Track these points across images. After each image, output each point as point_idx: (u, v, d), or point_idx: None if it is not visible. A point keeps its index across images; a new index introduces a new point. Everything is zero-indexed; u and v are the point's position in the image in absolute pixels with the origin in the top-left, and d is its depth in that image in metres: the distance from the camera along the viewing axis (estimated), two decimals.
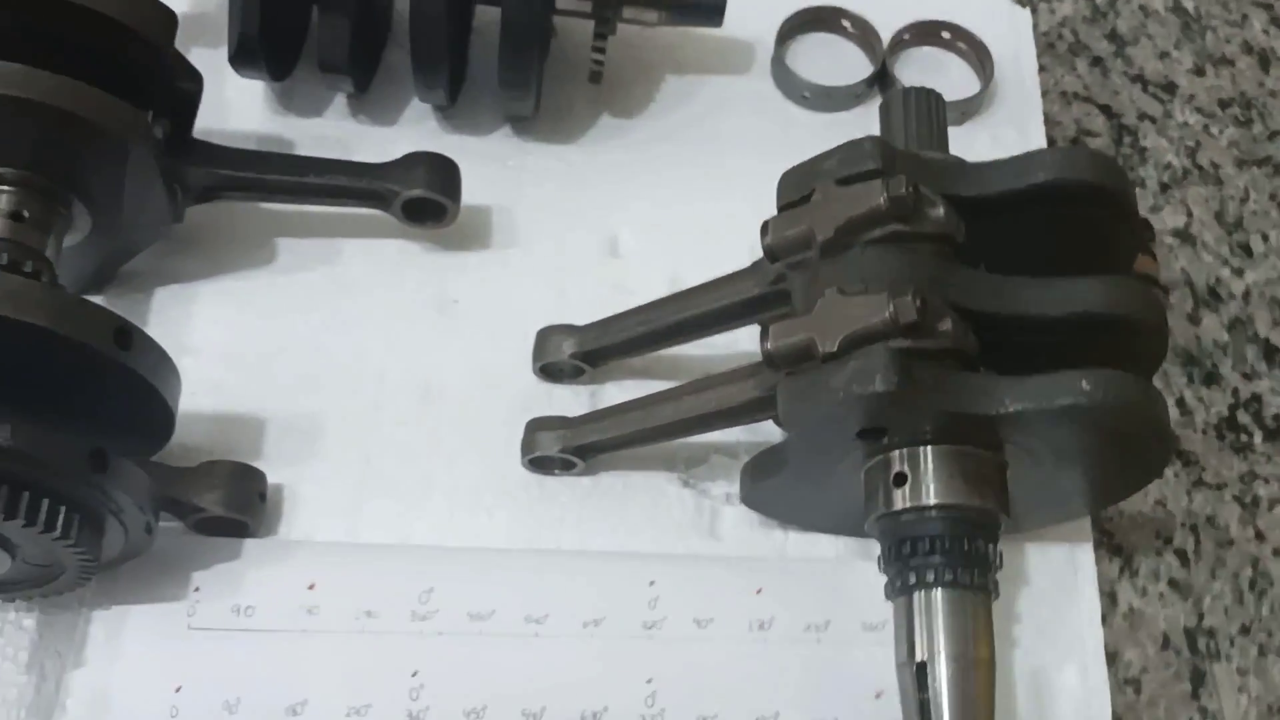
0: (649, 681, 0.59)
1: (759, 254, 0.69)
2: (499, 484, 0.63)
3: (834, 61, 0.78)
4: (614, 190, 0.73)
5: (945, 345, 0.50)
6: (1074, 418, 0.48)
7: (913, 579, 0.50)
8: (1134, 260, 0.56)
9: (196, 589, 0.58)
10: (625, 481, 0.63)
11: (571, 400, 0.66)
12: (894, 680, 0.57)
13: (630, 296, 0.67)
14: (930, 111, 0.61)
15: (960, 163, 0.56)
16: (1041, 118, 0.77)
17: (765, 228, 0.54)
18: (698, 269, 0.68)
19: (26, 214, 0.58)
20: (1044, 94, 0.79)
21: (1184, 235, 0.76)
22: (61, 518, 0.50)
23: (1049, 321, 0.51)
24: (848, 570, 0.62)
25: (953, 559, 0.50)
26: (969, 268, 0.53)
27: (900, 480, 0.51)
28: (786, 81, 0.76)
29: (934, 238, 0.52)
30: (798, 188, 0.54)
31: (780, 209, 0.55)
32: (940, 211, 0.52)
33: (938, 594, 0.50)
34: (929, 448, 0.51)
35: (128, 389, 0.53)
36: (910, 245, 0.52)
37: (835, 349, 0.49)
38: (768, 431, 0.64)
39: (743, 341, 0.67)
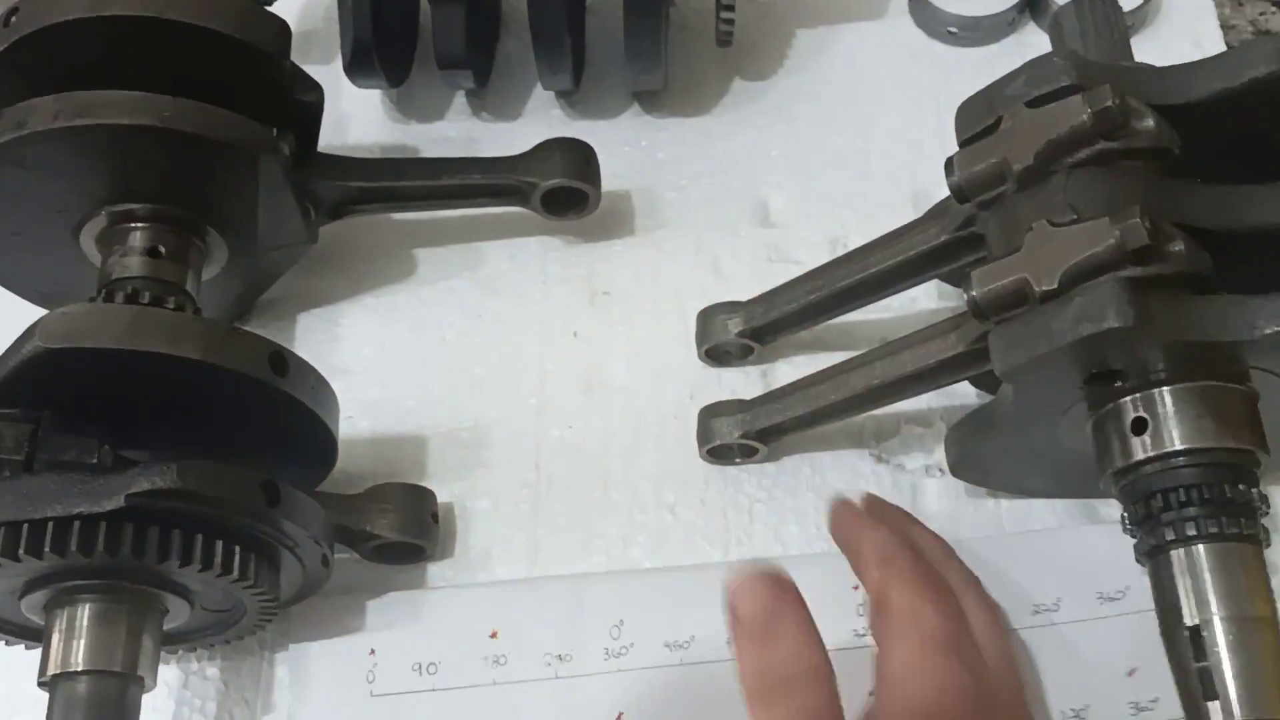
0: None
1: (921, 204, 0.64)
2: (679, 479, 0.59)
3: None
4: (757, 156, 0.68)
5: (1178, 269, 0.44)
6: None
7: (1169, 535, 0.44)
8: None
9: (372, 651, 0.55)
10: (812, 464, 0.59)
11: (742, 382, 0.61)
12: (1147, 655, 0.52)
13: (791, 266, 0.63)
14: (1109, 21, 0.55)
15: (1156, 69, 0.50)
16: (1217, 22, 0.70)
17: (950, 165, 0.48)
18: (859, 227, 0.65)
19: (163, 249, 0.56)
20: None
21: None
22: (238, 559, 0.47)
23: None
24: (1070, 539, 0.56)
25: (1213, 509, 0.44)
26: (1188, 181, 0.47)
27: (1140, 427, 0.45)
28: (928, 18, 0.71)
29: (1147, 152, 0.46)
30: (980, 118, 0.49)
31: (962, 144, 0.49)
32: (1150, 123, 0.46)
33: (1200, 550, 0.44)
34: (1166, 388, 0.45)
35: (287, 417, 0.51)
36: (1121, 164, 0.46)
37: (1055, 286, 0.43)
38: (963, 394, 0.59)
39: (921, 300, 0.62)
